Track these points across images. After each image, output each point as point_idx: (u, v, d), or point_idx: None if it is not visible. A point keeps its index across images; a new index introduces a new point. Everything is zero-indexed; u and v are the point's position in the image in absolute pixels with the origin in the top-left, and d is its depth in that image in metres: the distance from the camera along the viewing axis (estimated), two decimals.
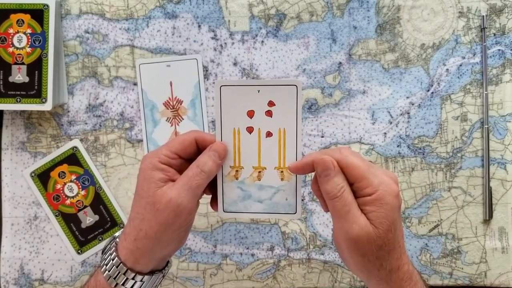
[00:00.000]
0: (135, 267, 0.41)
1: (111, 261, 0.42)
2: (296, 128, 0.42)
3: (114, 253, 0.42)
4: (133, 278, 0.41)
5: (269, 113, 0.42)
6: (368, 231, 0.37)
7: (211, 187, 0.44)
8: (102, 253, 0.44)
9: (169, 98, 0.57)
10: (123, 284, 0.41)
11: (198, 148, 0.43)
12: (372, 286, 0.41)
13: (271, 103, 0.42)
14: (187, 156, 0.43)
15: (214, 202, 0.45)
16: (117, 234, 0.45)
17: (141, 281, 0.42)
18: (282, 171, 0.43)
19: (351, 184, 0.39)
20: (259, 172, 0.43)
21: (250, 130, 0.42)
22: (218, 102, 0.42)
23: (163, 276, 0.44)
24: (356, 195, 0.39)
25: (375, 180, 0.38)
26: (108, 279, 0.41)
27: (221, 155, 0.42)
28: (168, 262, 0.45)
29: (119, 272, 0.41)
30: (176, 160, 0.42)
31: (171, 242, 0.42)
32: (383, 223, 0.38)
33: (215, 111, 0.42)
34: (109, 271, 0.41)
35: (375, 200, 0.38)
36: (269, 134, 0.42)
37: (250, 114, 0.42)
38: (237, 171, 0.43)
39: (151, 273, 0.42)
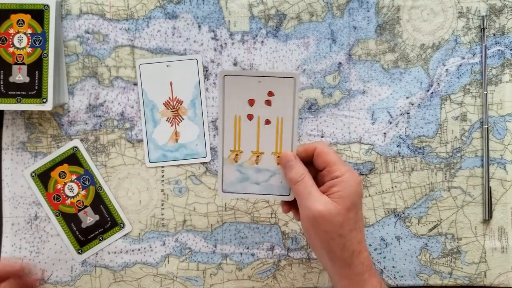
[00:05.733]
0: None
1: None
2: (292, 117, 0.45)
3: None
4: None
5: (268, 102, 0.45)
6: (329, 208, 0.42)
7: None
8: None
9: (169, 98, 0.58)
10: None
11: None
12: (336, 270, 0.44)
13: (270, 93, 0.45)
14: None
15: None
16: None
17: None
18: (278, 156, 0.46)
19: (323, 168, 0.44)
20: (257, 156, 0.46)
21: (250, 117, 0.45)
22: (221, 91, 0.45)
23: None
24: (325, 178, 0.44)
25: (343, 167, 0.44)
26: None
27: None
28: None
29: None
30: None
31: None
32: (346, 202, 0.42)
33: (218, 98, 0.45)
34: None
35: (341, 181, 0.43)
36: (267, 122, 0.46)
37: (251, 102, 0.45)
38: (236, 154, 0.46)
39: None
